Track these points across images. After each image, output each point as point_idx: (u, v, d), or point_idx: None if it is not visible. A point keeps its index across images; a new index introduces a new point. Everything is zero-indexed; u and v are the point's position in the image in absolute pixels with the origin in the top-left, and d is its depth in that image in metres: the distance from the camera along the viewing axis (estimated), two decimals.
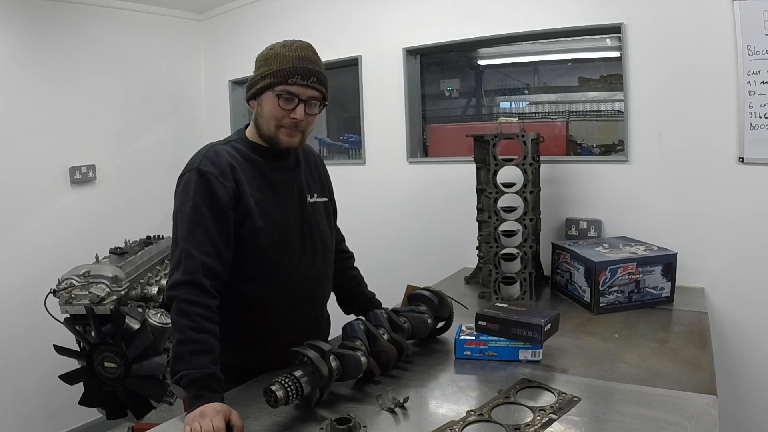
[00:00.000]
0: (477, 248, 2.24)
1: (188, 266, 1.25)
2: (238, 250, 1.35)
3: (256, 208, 1.36)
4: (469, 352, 1.44)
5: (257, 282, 1.38)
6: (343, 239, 1.75)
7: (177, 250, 1.30)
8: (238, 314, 1.38)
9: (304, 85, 1.34)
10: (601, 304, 1.81)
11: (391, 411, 1.17)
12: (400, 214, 2.78)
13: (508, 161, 1.95)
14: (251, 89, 1.39)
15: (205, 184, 1.30)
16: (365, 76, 2.83)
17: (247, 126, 1.47)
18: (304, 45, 1.38)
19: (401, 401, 1.19)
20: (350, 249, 1.75)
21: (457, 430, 1.08)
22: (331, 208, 1.61)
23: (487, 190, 2.03)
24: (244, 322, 1.40)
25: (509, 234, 2.06)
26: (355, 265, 1.74)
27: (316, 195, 1.52)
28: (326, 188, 1.61)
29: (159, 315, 1.99)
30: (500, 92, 2.80)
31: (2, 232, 2.69)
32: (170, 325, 1.99)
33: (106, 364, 1.91)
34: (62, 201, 2.89)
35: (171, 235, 2.69)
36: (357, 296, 1.69)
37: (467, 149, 2.29)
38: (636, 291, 1.83)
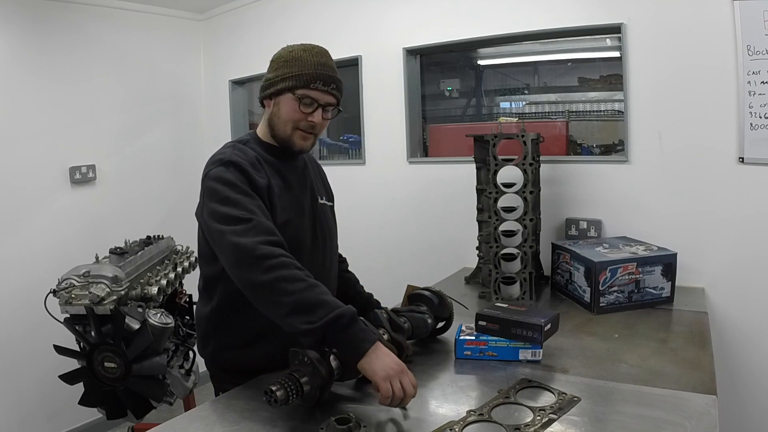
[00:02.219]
0: (477, 248, 2.24)
1: (263, 228, 1.21)
2: None
3: (278, 204, 1.37)
4: (469, 352, 1.44)
5: None
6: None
7: (241, 222, 1.21)
8: (244, 311, 1.37)
9: (325, 91, 1.37)
10: (601, 304, 1.81)
11: (399, 407, 1.17)
12: (400, 214, 2.78)
13: (508, 161, 1.95)
14: (269, 89, 1.40)
15: (242, 173, 1.30)
16: (365, 76, 2.83)
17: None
18: (324, 51, 1.41)
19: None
20: (349, 250, 1.76)
21: (457, 430, 1.08)
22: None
23: (487, 190, 2.03)
24: (251, 320, 1.39)
25: (509, 234, 2.06)
26: (349, 269, 1.75)
27: (324, 198, 1.57)
28: (330, 194, 1.65)
29: (159, 315, 1.99)
30: (500, 92, 2.80)
31: (2, 232, 2.68)
32: (170, 325, 1.99)
33: (106, 364, 1.91)
34: (62, 201, 2.89)
35: (170, 235, 2.70)
36: (353, 296, 1.68)
37: (467, 149, 2.29)
38: (636, 291, 1.83)
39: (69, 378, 2.03)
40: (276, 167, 1.42)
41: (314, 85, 1.35)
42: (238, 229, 1.20)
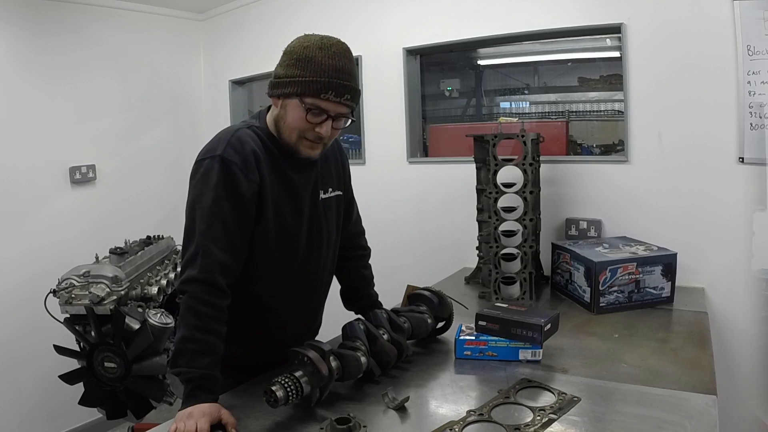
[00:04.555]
0: (477, 248, 2.24)
1: (205, 264, 1.21)
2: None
3: (272, 206, 1.31)
4: (469, 352, 1.44)
5: (259, 279, 1.37)
6: (361, 232, 1.71)
7: (193, 244, 1.23)
8: (236, 309, 1.37)
9: (337, 102, 1.24)
10: (601, 304, 1.81)
11: (398, 410, 1.17)
12: (400, 214, 2.78)
13: (508, 161, 1.95)
14: (277, 87, 1.28)
15: (228, 176, 1.23)
16: (365, 76, 2.83)
17: (267, 109, 1.37)
18: (342, 51, 1.25)
19: (401, 401, 1.19)
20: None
21: (457, 430, 1.08)
22: (344, 201, 1.55)
23: (487, 190, 2.03)
24: (242, 318, 1.38)
25: (509, 234, 2.06)
26: (369, 262, 1.71)
27: (330, 189, 1.47)
28: (341, 179, 1.53)
29: (159, 315, 1.99)
30: (500, 92, 2.80)
31: (2, 232, 2.69)
32: (170, 325, 1.99)
33: (106, 364, 1.91)
34: (62, 201, 2.89)
35: (170, 235, 2.70)
36: (362, 296, 1.67)
37: (467, 149, 2.29)
38: (636, 291, 1.83)
39: (69, 378, 2.02)
40: (279, 163, 1.33)
41: (325, 95, 1.22)
42: (188, 254, 1.24)
